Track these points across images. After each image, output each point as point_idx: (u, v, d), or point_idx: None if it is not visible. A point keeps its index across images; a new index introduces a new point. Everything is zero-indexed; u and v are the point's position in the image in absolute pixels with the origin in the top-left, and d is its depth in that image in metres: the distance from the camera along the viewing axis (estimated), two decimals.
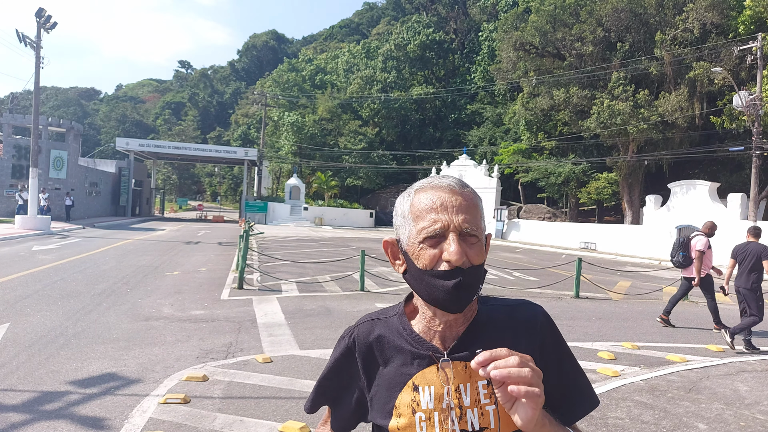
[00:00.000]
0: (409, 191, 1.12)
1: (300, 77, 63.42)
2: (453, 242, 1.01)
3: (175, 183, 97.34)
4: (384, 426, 1.09)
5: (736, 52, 23.40)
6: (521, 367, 0.90)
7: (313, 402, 1.25)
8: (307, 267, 14.99)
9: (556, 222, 37.17)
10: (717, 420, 4.65)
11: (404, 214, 1.09)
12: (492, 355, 0.92)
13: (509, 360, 0.91)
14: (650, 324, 9.11)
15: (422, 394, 1.06)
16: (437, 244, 1.03)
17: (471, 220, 1.04)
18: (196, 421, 4.18)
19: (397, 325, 1.15)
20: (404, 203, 1.11)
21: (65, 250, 16.45)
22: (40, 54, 24.44)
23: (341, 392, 1.20)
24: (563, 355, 1.15)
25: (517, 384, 0.88)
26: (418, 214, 1.06)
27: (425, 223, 1.04)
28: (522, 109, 37.92)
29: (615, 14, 30.99)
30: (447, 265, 1.01)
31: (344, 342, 1.19)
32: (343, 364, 1.18)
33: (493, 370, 0.90)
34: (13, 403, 4.40)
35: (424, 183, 1.11)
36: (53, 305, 8.31)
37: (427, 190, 1.08)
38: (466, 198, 1.06)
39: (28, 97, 71.00)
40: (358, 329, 1.19)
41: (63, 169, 32.88)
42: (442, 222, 1.03)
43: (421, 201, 1.07)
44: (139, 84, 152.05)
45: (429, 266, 1.03)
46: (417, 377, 1.08)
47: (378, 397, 1.12)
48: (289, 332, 7.31)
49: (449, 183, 1.08)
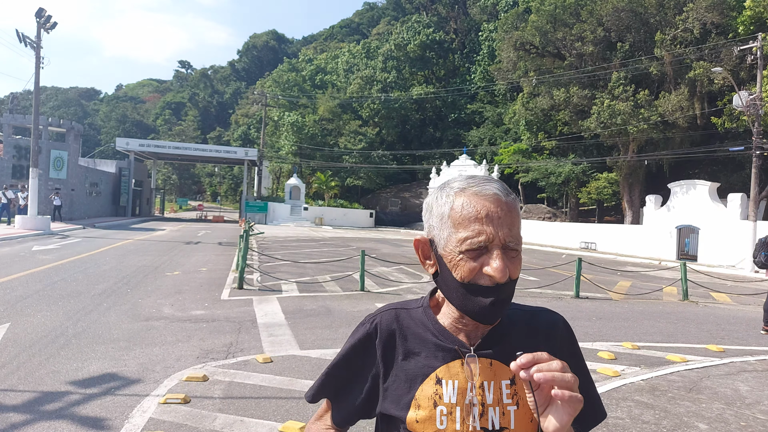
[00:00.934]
0: (447, 190, 1.06)
1: (300, 77, 63.43)
2: (497, 258, 0.98)
3: (175, 183, 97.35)
4: (400, 417, 1.07)
5: (736, 52, 23.40)
6: (564, 372, 0.90)
7: (317, 390, 1.21)
8: (307, 267, 14.99)
9: (556, 222, 37.17)
10: (717, 420, 4.65)
11: (442, 216, 1.04)
12: (534, 358, 0.91)
13: (552, 364, 0.91)
14: (650, 324, 9.11)
15: (445, 387, 1.05)
16: (478, 256, 1.00)
17: (515, 233, 1.01)
18: (196, 421, 4.18)
19: (421, 317, 1.14)
20: (442, 204, 1.05)
21: (65, 251, 16.45)
22: (40, 54, 24.44)
23: (351, 383, 1.17)
24: (578, 365, 1.14)
25: (561, 388, 0.88)
26: (460, 221, 1.01)
27: (468, 234, 1.00)
28: (522, 109, 37.92)
29: (615, 14, 30.99)
30: (488, 280, 0.99)
31: (364, 328, 1.16)
32: (359, 351, 1.15)
33: (537, 372, 0.89)
34: (13, 403, 4.40)
35: (465, 184, 1.05)
36: (53, 305, 8.31)
37: (471, 196, 1.02)
38: (510, 209, 1.02)
39: (28, 97, 70.97)
40: (381, 316, 1.16)
41: (63, 170, 32.88)
42: (487, 235, 0.99)
43: (464, 207, 1.02)
44: (139, 84, 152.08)
45: (467, 279, 1.01)
46: (441, 370, 1.06)
47: (395, 387, 1.10)
48: (290, 332, 7.31)
49: (495, 191, 1.02)
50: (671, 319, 9.62)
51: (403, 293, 11.34)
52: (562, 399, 0.88)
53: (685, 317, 9.99)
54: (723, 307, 11.62)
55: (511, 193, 1.05)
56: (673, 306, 11.33)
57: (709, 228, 23.45)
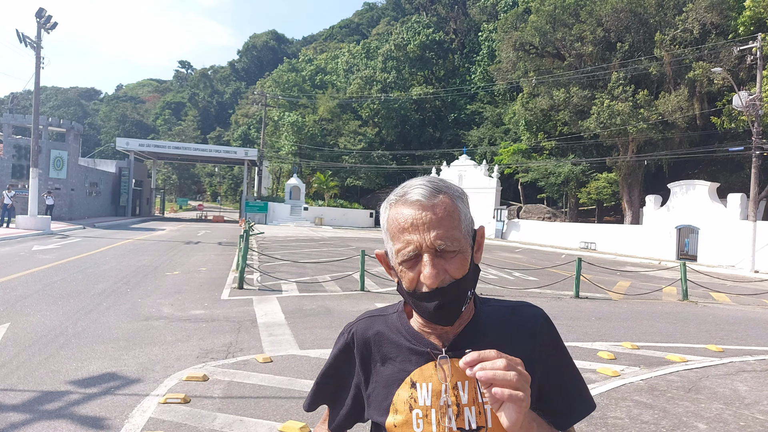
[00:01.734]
0: (386, 203, 1.09)
1: (300, 77, 63.43)
2: (427, 264, 0.99)
3: (175, 183, 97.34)
4: (381, 423, 1.08)
5: (735, 52, 23.40)
6: (507, 370, 0.89)
7: (312, 400, 1.24)
8: (307, 267, 14.99)
9: (555, 222, 37.17)
10: (716, 420, 4.66)
11: (384, 229, 1.08)
12: (480, 356, 0.91)
13: (496, 362, 0.90)
14: (650, 324, 9.11)
15: (420, 390, 1.05)
16: (415, 264, 1.01)
17: (445, 234, 1.00)
18: (196, 420, 4.18)
19: (396, 322, 1.15)
20: (383, 217, 1.09)
21: (65, 250, 16.45)
22: (40, 54, 24.44)
23: (339, 390, 1.20)
24: (562, 358, 1.15)
25: (502, 387, 0.88)
26: (393, 234, 1.04)
27: (399, 245, 1.02)
28: (522, 109, 37.92)
29: (615, 14, 30.99)
30: (426, 287, 1.00)
31: (343, 338, 1.19)
32: (341, 361, 1.18)
33: (480, 371, 0.89)
34: (13, 402, 4.41)
35: (397, 194, 1.07)
36: (53, 305, 8.31)
37: (399, 205, 1.04)
38: (436, 211, 1.01)
39: (28, 97, 70.95)
40: (357, 325, 1.18)
41: (63, 169, 32.88)
42: (414, 244, 1.00)
43: (393, 218, 1.04)
44: (139, 84, 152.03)
45: (410, 288, 1.03)
46: (415, 374, 1.07)
47: (375, 394, 1.12)
48: (289, 332, 7.31)
49: (418, 196, 1.02)
50: (671, 319, 9.63)
51: None
52: (501, 397, 0.88)
53: (685, 317, 9.99)
54: (722, 307, 11.62)
55: (441, 192, 1.04)
56: (673, 306, 11.33)
57: (709, 228, 23.46)
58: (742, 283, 16.66)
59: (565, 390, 1.13)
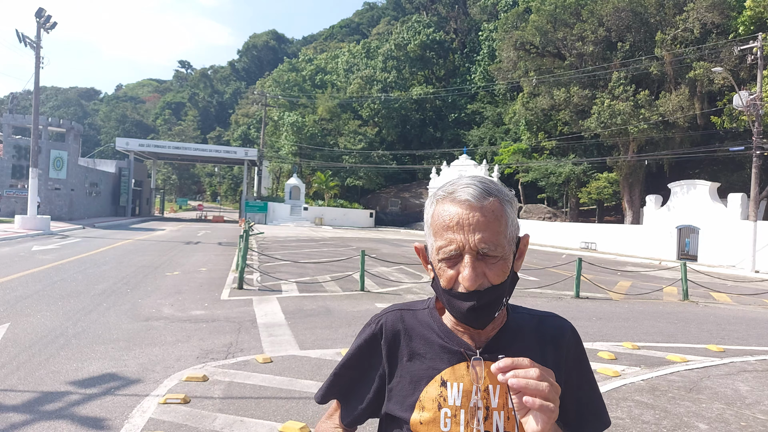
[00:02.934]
0: (432, 198, 1.07)
1: (300, 77, 63.42)
2: (467, 266, 0.98)
3: (175, 183, 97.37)
4: (404, 419, 1.07)
5: (736, 52, 23.39)
6: (540, 380, 0.89)
7: (326, 392, 1.21)
8: (307, 267, 14.99)
9: (556, 222, 37.16)
10: (718, 420, 4.65)
11: (427, 224, 1.06)
12: (513, 363, 0.91)
13: (530, 371, 0.90)
14: (650, 324, 9.11)
15: (450, 390, 1.04)
16: (455, 264, 1.00)
17: (489, 238, 0.98)
18: (196, 421, 4.18)
19: (427, 318, 1.14)
20: (427, 212, 1.07)
21: (65, 251, 16.45)
22: (40, 54, 24.45)
23: (359, 383, 1.17)
24: (583, 372, 1.14)
25: (533, 396, 0.88)
26: (436, 230, 1.02)
27: (441, 243, 1.01)
28: (522, 108, 37.91)
29: (616, 14, 30.98)
30: (464, 288, 0.99)
31: (370, 328, 1.17)
32: (365, 351, 1.16)
33: (512, 378, 0.89)
34: (13, 403, 4.40)
35: (446, 190, 1.05)
36: (53, 305, 8.31)
37: (446, 202, 1.03)
38: (485, 213, 0.99)
39: (28, 97, 70.96)
40: (387, 317, 1.17)
41: (63, 169, 32.88)
42: (457, 243, 0.99)
43: (439, 215, 1.02)
44: (139, 84, 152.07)
45: (447, 286, 1.01)
46: (446, 372, 1.06)
47: (399, 388, 1.10)
48: (289, 332, 7.30)
49: (468, 196, 1.00)
50: (671, 319, 9.62)
51: (403, 293, 11.34)
52: (532, 406, 0.87)
53: (686, 317, 9.98)
54: (723, 307, 11.61)
55: (492, 195, 1.02)
56: (674, 306, 11.32)
57: (710, 228, 23.45)
58: (743, 283, 16.65)
59: (583, 404, 1.13)
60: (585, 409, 1.13)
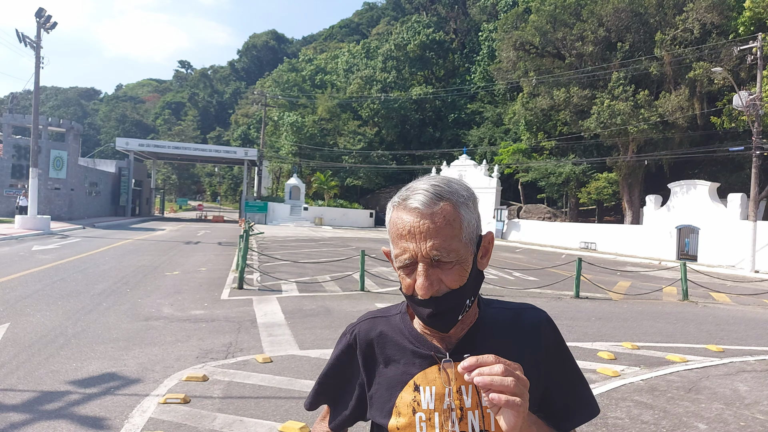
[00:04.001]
0: (390, 204, 1.06)
1: (300, 77, 63.42)
2: (421, 275, 0.98)
3: (175, 183, 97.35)
4: (383, 425, 1.08)
5: (736, 52, 23.38)
6: (505, 375, 0.88)
7: (313, 399, 1.24)
8: (307, 267, 14.99)
9: (556, 222, 37.17)
10: (717, 420, 4.65)
11: (387, 230, 1.06)
12: (478, 361, 0.91)
13: (494, 368, 0.89)
14: (650, 324, 9.11)
15: (423, 394, 1.05)
16: (412, 271, 1.01)
17: (441, 245, 0.97)
18: (196, 421, 4.18)
19: (399, 323, 1.14)
20: (387, 217, 1.07)
21: (65, 250, 16.45)
22: (40, 54, 24.45)
23: (341, 390, 1.19)
24: (565, 361, 1.14)
25: (499, 392, 0.87)
26: (392, 238, 1.03)
27: (397, 251, 1.01)
28: (522, 109, 37.91)
29: (616, 14, 30.98)
30: (420, 296, 1.00)
31: (345, 339, 1.18)
32: (343, 361, 1.18)
33: (477, 376, 0.89)
34: (13, 402, 4.40)
35: (400, 196, 1.03)
36: (53, 305, 8.31)
37: (400, 210, 1.02)
38: (435, 219, 0.97)
39: (28, 97, 70.96)
40: (360, 326, 1.18)
41: (63, 169, 32.87)
42: (410, 252, 0.99)
43: (394, 223, 1.02)
44: (139, 84, 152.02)
45: (408, 293, 1.03)
46: (418, 377, 1.06)
47: (378, 395, 1.11)
48: (289, 332, 7.31)
49: (417, 204, 0.99)
50: (671, 319, 9.62)
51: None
52: (498, 403, 0.87)
53: (685, 317, 9.98)
54: (723, 307, 11.61)
55: (442, 200, 0.99)
56: (673, 306, 11.33)
57: (709, 228, 23.45)
58: (743, 283, 16.65)
59: (568, 393, 1.13)
60: (571, 399, 1.12)
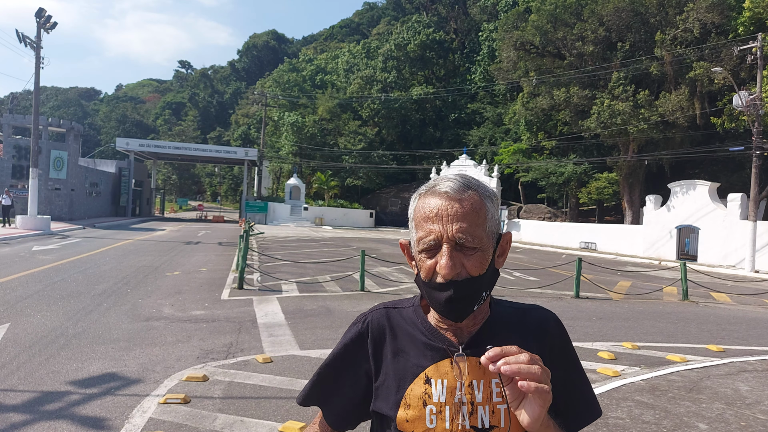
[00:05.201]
0: (416, 194, 1.10)
1: (300, 77, 63.41)
2: (444, 255, 0.99)
3: (175, 183, 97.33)
4: (391, 416, 1.07)
5: (736, 52, 23.38)
6: (531, 364, 0.90)
7: (308, 391, 1.20)
8: (308, 267, 14.99)
9: (556, 222, 37.16)
10: (718, 420, 4.65)
11: (410, 218, 1.09)
12: (503, 351, 0.92)
13: (519, 356, 0.91)
14: (650, 324, 9.11)
15: (434, 386, 1.05)
16: (434, 255, 1.02)
17: (467, 229, 1.00)
18: (196, 421, 4.18)
19: (412, 316, 1.15)
20: (411, 207, 1.09)
21: (65, 251, 16.45)
22: (40, 54, 24.45)
23: (344, 381, 1.17)
24: (571, 362, 1.15)
25: (527, 380, 0.89)
26: (418, 222, 1.05)
27: (421, 233, 1.03)
28: (522, 108, 37.91)
29: (616, 13, 30.98)
30: (441, 277, 1.00)
31: (356, 327, 1.17)
32: (351, 350, 1.16)
33: (504, 365, 0.90)
34: (13, 403, 4.40)
35: (428, 185, 1.08)
36: (53, 305, 8.31)
37: (428, 195, 1.05)
38: (464, 204, 1.01)
39: (28, 97, 71.00)
40: (372, 315, 1.18)
41: (63, 170, 32.88)
42: (436, 233, 1.00)
43: (421, 208, 1.05)
44: (139, 84, 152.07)
45: (426, 277, 1.03)
46: (430, 369, 1.07)
47: (386, 386, 1.10)
48: (290, 332, 7.31)
49: (447, 188, 1.03)
50: (671, 319, 9.62)
51: (403, 293, 11.34)
52: (527, 390, 0.88)
53: (686, 317, 9.98)
54: (723, 307, 11.61)
55: (471, 188, 1.04)
56: (673, 306, 11.32)
57: (709, 228, 23.44)
58: (743, 283, 16.65)
59: (572, 394, 1.13)
60: (575, 400, 1.13)
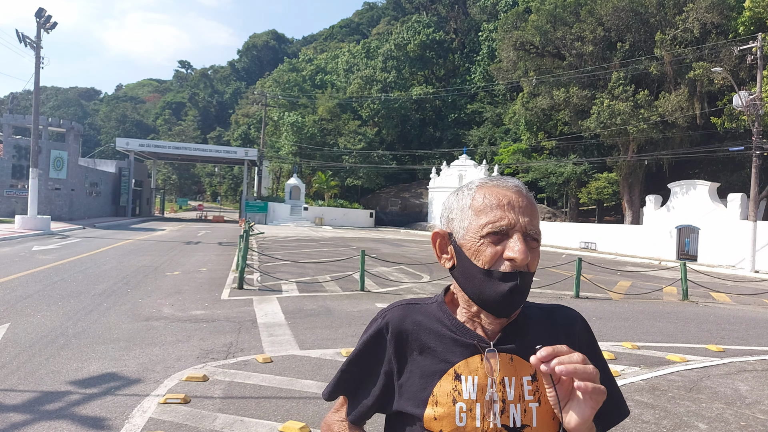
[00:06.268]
0: (469, 186, 1.09)
1: (300, 77, 63.40)
2: (519, 241, 0.99)
3: (175, 183, 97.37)
4: (417, 415, 1.04)
5: (736, 52, 23.38)
6: (586, 364, 0.89)
7: (333, 388, 1.19)
8: (307, 267, 14.99)
9: (556, 222, 37.16)
10: (717, 420, 4.65)
11: (463, 208, 1.06)
12: (555, 351, 0.90)
13: (573, 356, 0.89)
14: (650, 324, 9.11)
15: (465, 383, 1.02)
16: (500, 241, 1.00)
17: (535, 224, 1.03)
18: (196, 421, 4.18)
19: (436, 312, 1.12)
20: (464, 197, 1.08)
21: (65, 251, 16.45)
22: (40, 54, 24.45)
23: (365, 379, 1.14)
24: (599, 362, 1.12)
25: (583, 380, 0.87)
26: (482, 209, 1.03)
27: (490, 218, 1.01)
28: (522, 108, 37.92)
29: (615, 13, 30.98)
30: (508, 265, 0.99)
31: (376, 324, 1.14)
32: (372, 348, 1.13)
33: (558, 365, 0.88)
34: (13, 403, 4.40)
35: (485, 180, 1.08)
36: (53, 305, 8.31)
37: (492, 188, 1.05)
38: (531, 202, 1.05)
39: (28, 97, 70.98)
40: (392, 312, 1.14)
41: (63, 169, 32.88)
42: (509, 220, 1.00)
43: (486, 197, 1.04)
44: (139, 84, 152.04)
45: (488, 264, 1.00)
46: (460, 366, 1.04)
47: (410, 384, 1.07)
48: (290, 332, 7.31)
49: (516, 184, 1.06)
50: (671, 319, 9.62)
51: (403, 293, 11.34)
52: (585, 390, 0.86)
53: (685, 317, 9.98)
54: (723, 307, 11.61)
55: (530, 192, 1.08)
56: (673, 306, 11.33)
57: (709, 228, 23.45)
58: (743, 282, 16.65)
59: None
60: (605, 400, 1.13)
